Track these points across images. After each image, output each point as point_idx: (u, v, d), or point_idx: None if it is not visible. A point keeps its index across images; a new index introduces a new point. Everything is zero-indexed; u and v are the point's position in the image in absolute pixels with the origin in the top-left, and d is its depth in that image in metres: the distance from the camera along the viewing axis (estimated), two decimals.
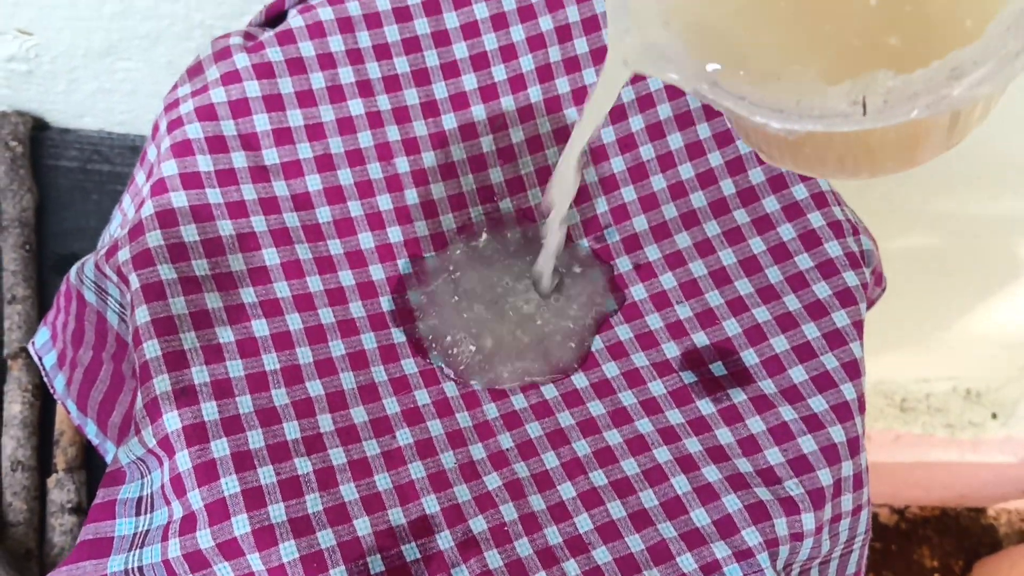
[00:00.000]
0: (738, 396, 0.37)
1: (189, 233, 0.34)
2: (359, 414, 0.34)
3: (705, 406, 0.37)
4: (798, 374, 0.37)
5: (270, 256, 0.36)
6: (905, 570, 1.17)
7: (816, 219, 0.40)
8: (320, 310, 0.36)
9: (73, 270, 0.36)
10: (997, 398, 0.93)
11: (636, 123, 0.41)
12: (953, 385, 0.92)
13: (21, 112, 0.58)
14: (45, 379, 0.39)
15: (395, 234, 0.39)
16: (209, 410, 0.32)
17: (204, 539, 0.30)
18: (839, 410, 0.36)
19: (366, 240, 0.38)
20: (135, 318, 0.32)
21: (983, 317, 0.81)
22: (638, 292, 0.39)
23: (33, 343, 0.40)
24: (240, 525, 0.30)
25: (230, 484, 0.30)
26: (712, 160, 0.41)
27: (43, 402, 0.51)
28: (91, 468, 0.51)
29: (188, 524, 0.30)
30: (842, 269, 0.39)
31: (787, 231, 0.40)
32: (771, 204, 0.40)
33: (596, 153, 0.41)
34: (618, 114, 0.41)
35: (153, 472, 0.31)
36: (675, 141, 0.41)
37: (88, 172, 0.58)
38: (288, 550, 0.30)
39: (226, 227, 0.35)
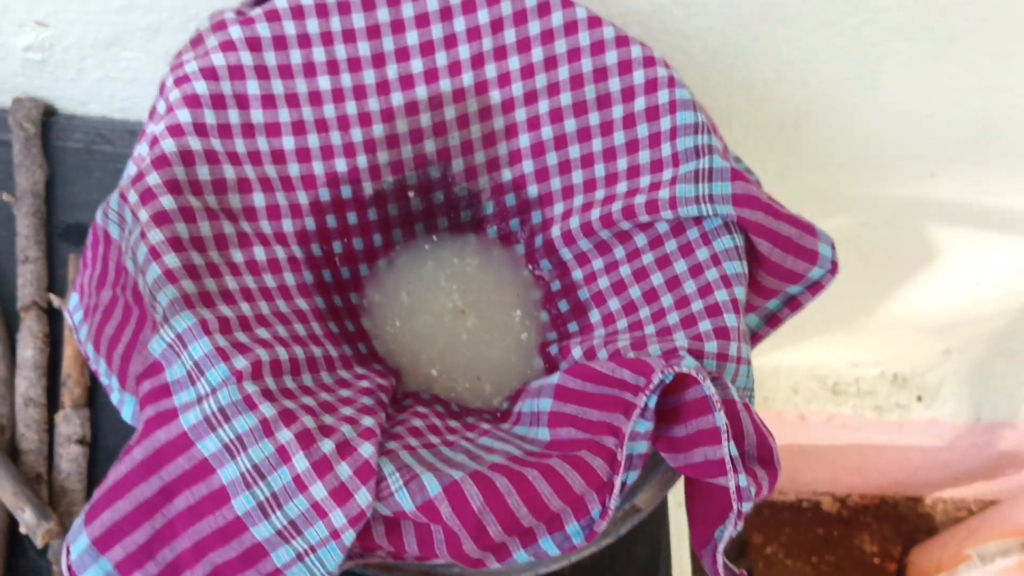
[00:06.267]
0: None
1: (203, 173, 0.41)
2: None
3: None
4: None
5: (258, 199, 0.44)
6: (846, 554, 1.24)
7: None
8: (291, 246, 0.45)
9: (99, 211, 0.43)
10: (921, 382, 1.01)
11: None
12: (881, 370, 1.00)
13: (34, 98, 0.65)
14: (74, 335, 0.45)
15: (346, 191, 0.47)
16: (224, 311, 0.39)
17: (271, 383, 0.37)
18: None
19: (324, 195, 0.47)
20: (150, 238, 0.39)
21: (904, 303, 0.89)
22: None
23: (67, 307, 0.47)
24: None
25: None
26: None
27: (52, 348, 0.58)
28: (94, 407, 0.57)
29: (255, 370, 0.37)
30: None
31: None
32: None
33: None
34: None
35: (190, 346, 0.37)
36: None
37: (92, 152, 0.64)
38: None
39: (229, 171, 0.42)
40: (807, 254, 0.44)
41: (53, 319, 0.59)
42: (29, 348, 0.57)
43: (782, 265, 0.44)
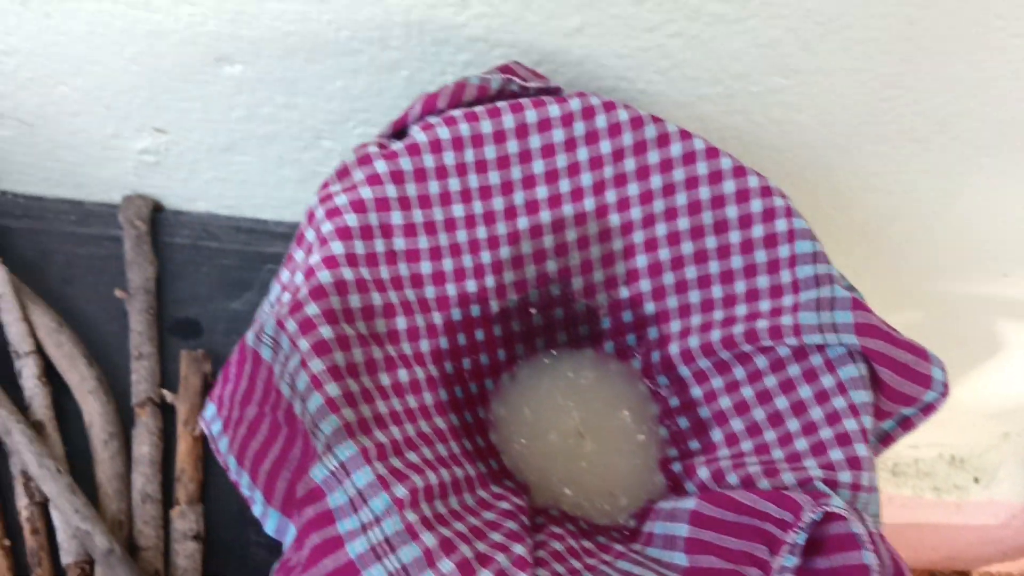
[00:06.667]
0: None
1: (354, 301, 0.44)
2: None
3: None
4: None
5: (400, 323, 0.46)
6: None
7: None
8: (428, 366, 0.47)
9: (250, 334, 0.45)
10: (979, 464, 1.02)
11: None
12: (939, 451, 1.01)
13: (143, 196, 0.67)
14: (211, 444, 0.47)
15: (475, 310, 0.50)
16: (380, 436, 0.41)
17: (426, 509, 0.39)
18: None
19: (456, 314, 0.49)
20: (311, 367, 0.41)
21: (966, 389, 0.91)
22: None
23: (203, 416, 0.49)
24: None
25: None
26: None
27: (166, 444, 0.60)
28: (207, 501, 0.59)
29: (413, 497, 0.39)
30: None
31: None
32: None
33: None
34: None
35: (353, 474, 0.39)
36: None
37: (199, 248, 0.67)
38: None
39: (376, 298, 0.45)
40: (922, 379, 0.46)
41: (165, 414, 0.61)
42: (145, 444, 0.59)
43: (899, 390, 0.46)
